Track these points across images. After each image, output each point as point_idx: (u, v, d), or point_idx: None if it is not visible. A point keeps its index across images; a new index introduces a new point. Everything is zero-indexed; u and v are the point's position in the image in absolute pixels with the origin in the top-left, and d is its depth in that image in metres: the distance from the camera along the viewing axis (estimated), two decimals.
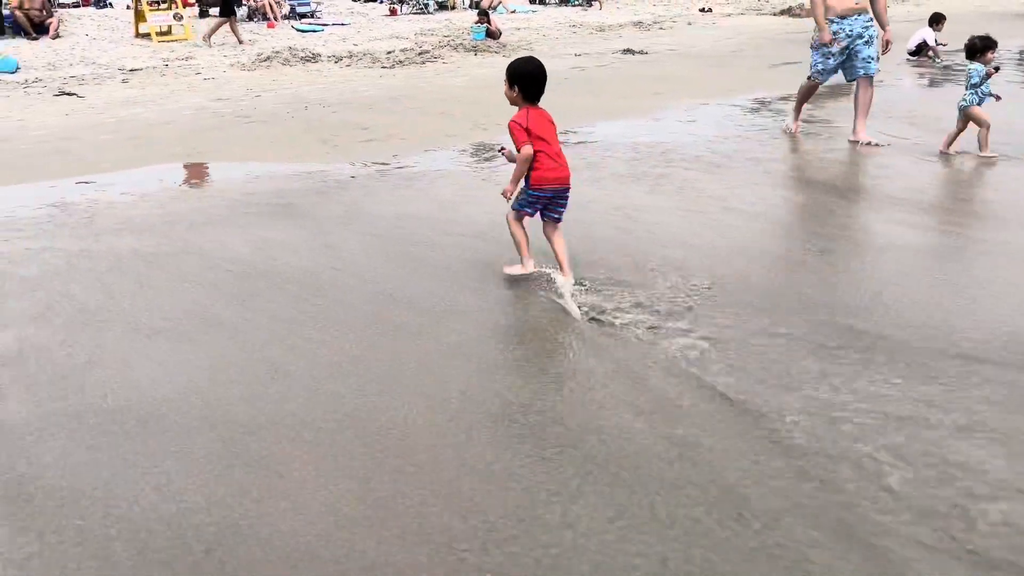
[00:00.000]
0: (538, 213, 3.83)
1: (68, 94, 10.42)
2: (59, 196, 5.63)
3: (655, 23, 18.38)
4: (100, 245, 4.52)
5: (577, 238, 4.13)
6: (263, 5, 17.35)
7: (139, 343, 3.27)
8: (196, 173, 6.51)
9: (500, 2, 20.16)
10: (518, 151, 3.74)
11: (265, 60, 13.01)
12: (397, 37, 15.83)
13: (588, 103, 8.88)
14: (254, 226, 4.81)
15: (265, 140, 7.37)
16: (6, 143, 7.69)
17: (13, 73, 11.82)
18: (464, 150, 6.85)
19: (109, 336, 3.35)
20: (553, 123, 3.85)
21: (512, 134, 3.75)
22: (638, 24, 18.18)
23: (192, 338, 3.31)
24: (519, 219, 3.86)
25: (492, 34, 15.42)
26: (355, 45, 14.80)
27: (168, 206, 5.34)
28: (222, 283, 3.91)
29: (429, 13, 19.92)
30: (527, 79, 3.75)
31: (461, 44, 14.78)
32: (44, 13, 15.03)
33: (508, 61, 3.97)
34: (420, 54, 13.66)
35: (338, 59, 13.24)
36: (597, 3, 21.94)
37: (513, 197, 3.82)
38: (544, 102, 3.87)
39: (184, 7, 16.61)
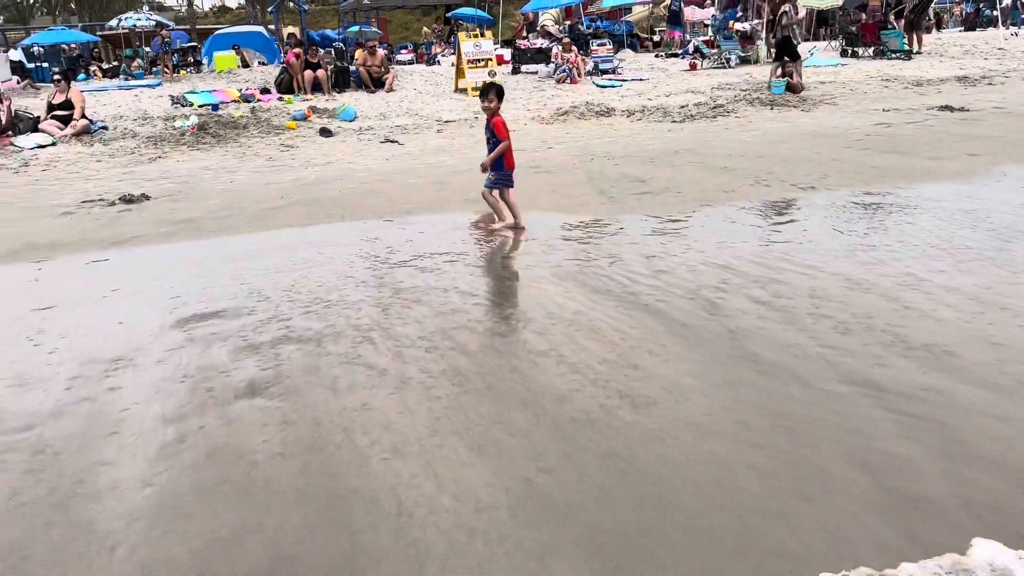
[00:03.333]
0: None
1: (391, 141, 11.82)
2: (367, 232, 6.40)
3: (983, 78, 16.57)
4: (388, 277, 5.06)
5: (836, 313, 3.85)
6: (570, 62, 18.35)
7: (387, 356, 3.63)
8: (482, 219, 7.01)
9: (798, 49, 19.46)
10: (500, 140, 6.04)
11: (563, 114, 13.75)
12: (693, 92, 15.89)
13: (889, 162, 8.25)
14: (519, 268, 5.10)
15: (547, 189, 7.78)
16: (337, 182, 8.89)
17: (351, 121, 13.66)
18: (742, 207, 6.68)
19: (366, 350, 3.76)
20: None
21: (501, 129, 6.04)
22: (962, 79, 16.51)
23: (425, 365, 3.61)
24: (492, 193, 6.20)
25: (793, 88, 14.92)
26: (649, 100, 15.10)
27: (454, 247, 5.83)
28: (483, 315, 4.21)
29: (730, 67, 19.76)
30: (503, 94, 6.15)
31: (758, 98, 14.47)
32: (383, 69, 17.21)
33: (806, 115, 4.02)
34: (713, 108, 13.60)
35: (631, 113, 13.60)
36: (917, 49, 20.32)
37: (491, 180, 6.18)
38: (837, 159, 3.80)
39: (499, 64, 18.13)
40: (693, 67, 19.82)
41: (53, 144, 11.75)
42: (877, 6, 21.55)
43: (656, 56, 22.32)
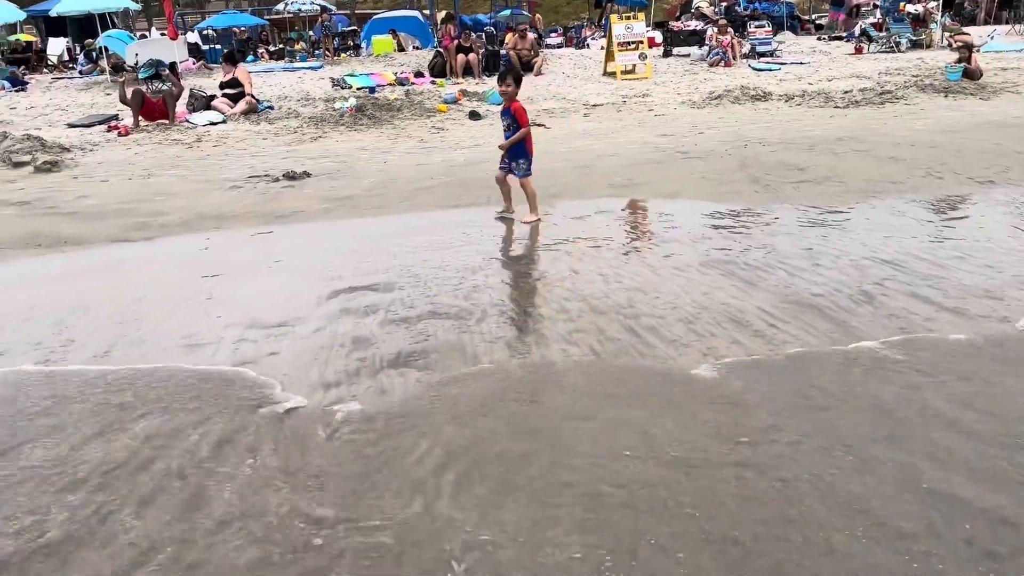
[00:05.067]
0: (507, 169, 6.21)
1: (538, 124, 11.80)
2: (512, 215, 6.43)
3: None
4: (532, 260, 5.07)
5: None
6: (724, 45, 17.76)
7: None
8: (629, 205, 6.88)
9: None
10: (520, 126, 5.98)
11: (716, 98, 13.32)
12: (858, 76, 15.02)
13: None
14: (665, 255, 4.98)
15: (697, 175, 7.55)
16: (484, 164, 8.95)
17: (499, 105, 13.78)
18: (912, 199, 6.24)
19: (508, 331, 3.77)
20: None
21: (522, 114, 5.98)
22: None
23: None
24: (528, 181, 6.09)
25: (971, 74, 13.80)
26: (810, 84, 14.40)
27: (598, 232, 5.75)
28: (626, 301, 4.14)
29: (899, 52, 18.53)
30: (521, 79, 6.15)
31: (931, 85, 13.49)
32: (532, 53, 17.29)
33: (985, 104, 3.75)
34: (880, 94, 12.80)
35: (789, 98, 13.01)
36: None
37: (524, 168, 6.10)
38: (1020, 152, 3.60)
39: (650, 47, 17.79)
40: (859, 51, 18.75)
41: (224, 121, 12.54)
42: None
43: (819, 39, 21.26)
